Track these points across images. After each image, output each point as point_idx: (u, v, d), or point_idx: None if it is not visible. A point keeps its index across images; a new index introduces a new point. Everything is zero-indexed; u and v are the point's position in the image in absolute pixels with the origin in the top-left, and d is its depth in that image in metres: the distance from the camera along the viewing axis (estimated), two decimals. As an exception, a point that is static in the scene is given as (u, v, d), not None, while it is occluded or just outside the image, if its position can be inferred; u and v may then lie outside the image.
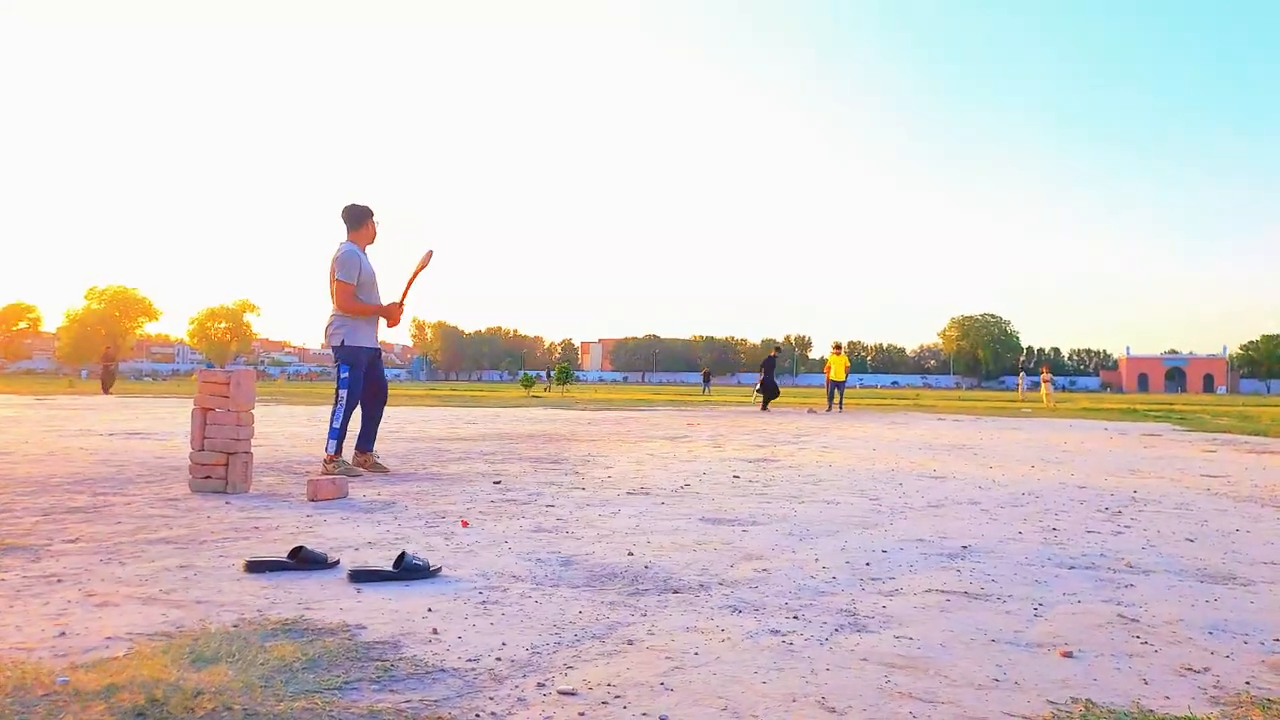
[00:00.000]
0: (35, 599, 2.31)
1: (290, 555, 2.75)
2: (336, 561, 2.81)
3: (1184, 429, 13.31)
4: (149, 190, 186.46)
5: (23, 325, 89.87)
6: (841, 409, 18.53)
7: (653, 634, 2.13)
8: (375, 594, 2.45)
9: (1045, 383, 30.69)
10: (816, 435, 10.40)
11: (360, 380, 5.52)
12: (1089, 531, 3.73)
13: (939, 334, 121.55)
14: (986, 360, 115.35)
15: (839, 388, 18.86)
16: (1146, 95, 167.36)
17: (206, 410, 4.64)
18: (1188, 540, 3.55)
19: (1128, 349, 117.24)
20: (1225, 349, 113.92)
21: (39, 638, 1.98)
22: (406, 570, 2.61)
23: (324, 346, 5.66)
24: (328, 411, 5.50)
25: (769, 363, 19.31)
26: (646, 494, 4.71)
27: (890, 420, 14.98)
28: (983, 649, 2.06)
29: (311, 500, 4.21)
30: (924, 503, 4.59)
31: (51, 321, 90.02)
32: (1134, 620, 2.33)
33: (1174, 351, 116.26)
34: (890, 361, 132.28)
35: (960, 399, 36.97)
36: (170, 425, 10.39)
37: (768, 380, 19.10)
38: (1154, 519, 4.11)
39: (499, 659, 1.92)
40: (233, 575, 2.64)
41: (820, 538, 3.49)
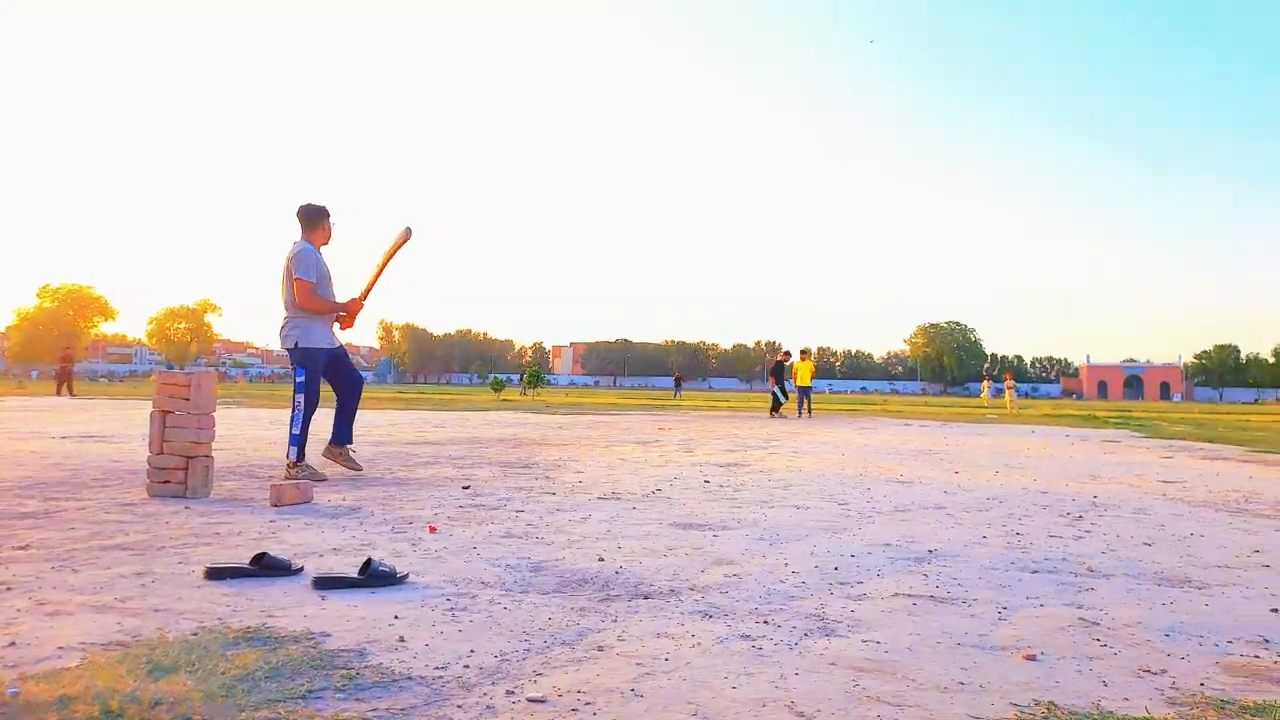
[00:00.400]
0: (-13, 607, 2.25)
1: (252, 562, 2.70)
2: (300, 568, 2.77)
3: (1142, 435, 13.58)
4: (106, 185, 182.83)
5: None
6: (811, 414, 18.68)
7: (623, 640, 2.12)
8: (340, 601, 2.42)
9: (1009, 389, 31.21)
10: (786, 440, 10.46)
11: (318, 383, 5.45)
12: (1051, 536, 3.80)
13: (906, 341, 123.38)
14: (952, 367, 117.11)
15: (806, 393, 19.03)
16: (1106, 109, 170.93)
17: (165, 413, 4.55)
18: (1146, 544, 3.63)
19: (1088, 357, 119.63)
20: (1180, 358, 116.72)
21: (-9, 647, 1.93)
22: (373, 577, 2.59)
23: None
24: (289, 415, 5.41)
25: (779, 368, 18.99)
26: (617, 499, 4.71)
27: (859, 426, 15.12)
28: (949, 652, 2.08)
29: (275, 505, 4.15)
30: (891, 507, 4.63)
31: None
32: (1094, 623, 2.37)
33: (1132, 360, 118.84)
34: (858, 367, 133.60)
35: (926, 405, 37.41)
36: (127, 428, 10.18)
37: (780, 386, 18.75)
38: (1114, 524, 4.19)
39: (467, 666, 1.90)
40: (192, 582, 2.59)
41: (790, 542, 3.51)
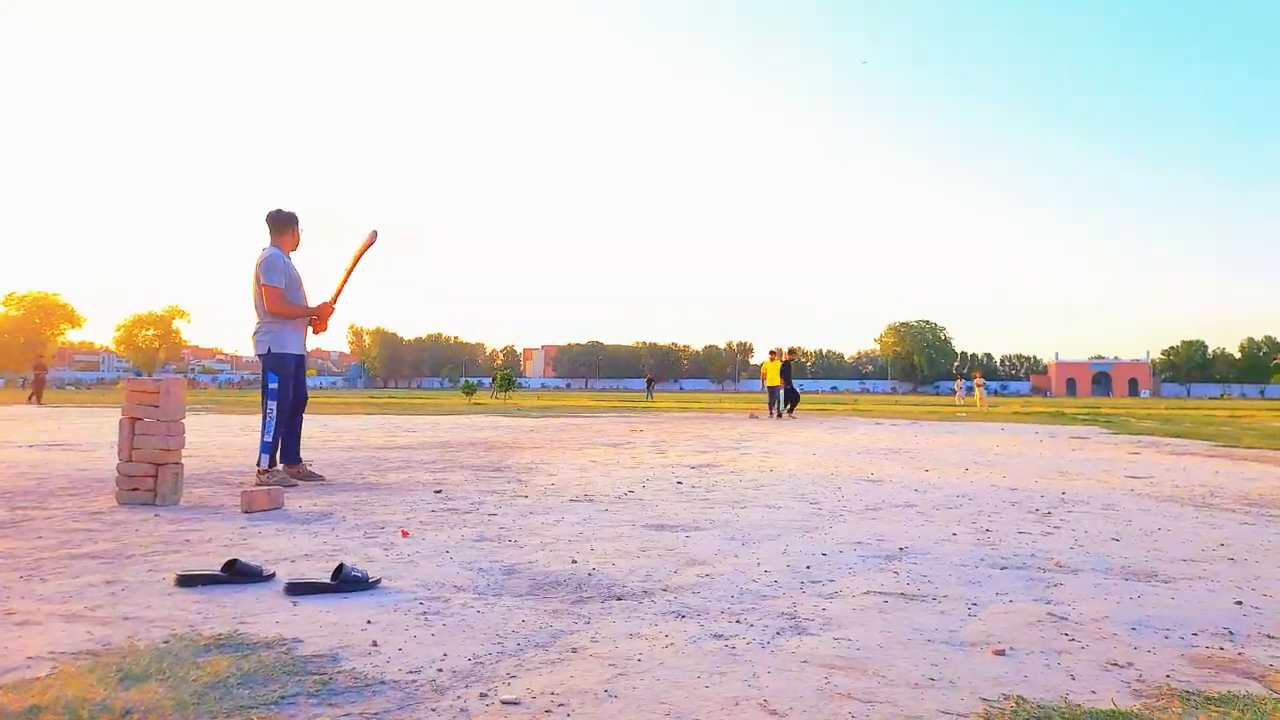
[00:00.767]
0: (-51, 619, 2.21)
1: (224, 568, 2.68)
2: (272, 574, 2.75)
3: (1110, 432, 13.80)
4: (72, 191, 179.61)
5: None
6: (781, 415, 18.74)
7: (596, 641, 2.13)
8: (313, 606, 2.40)
9: (978, 387, 31.63)
10: (758, 441, 10.51)
11: (290, 388, 5.41)
12: (1020, 532, 3.85)
13: (876, 340, 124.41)
14: (922, 366, 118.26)
15: (776, 393, 19.07)
16: (1078, 109, 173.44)
17: (134, 420, 4.49)
18: (1113, 540, 3.69)
19: (1056, 354, 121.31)
20: (1148, 354, 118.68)
21: (-46, 659, 1.89)
22: (345, 582, 2.57)
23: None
24: (260, 421, 5.36)
25: (786, 367, 18.77)
26: (590, 501, 4.71)
27: (830, 425, 15.22)
28: (919, 649, 2.11)
29: (245, 512, 4.11)
30: (862, 506, 4.67)
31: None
32: (1063, 618, 2.41)
33: (1100, 357, 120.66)
34: (830, 367, 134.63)
35: (897, 403, 37.73)
36: (95, 436, 10.03)
37: (789, 386, 18.65)
38: (1082, 519, 4.26)
39: (440, 670, 1.90)
40: (163, 590, 2.56)
41: (762, 542, 3.54)
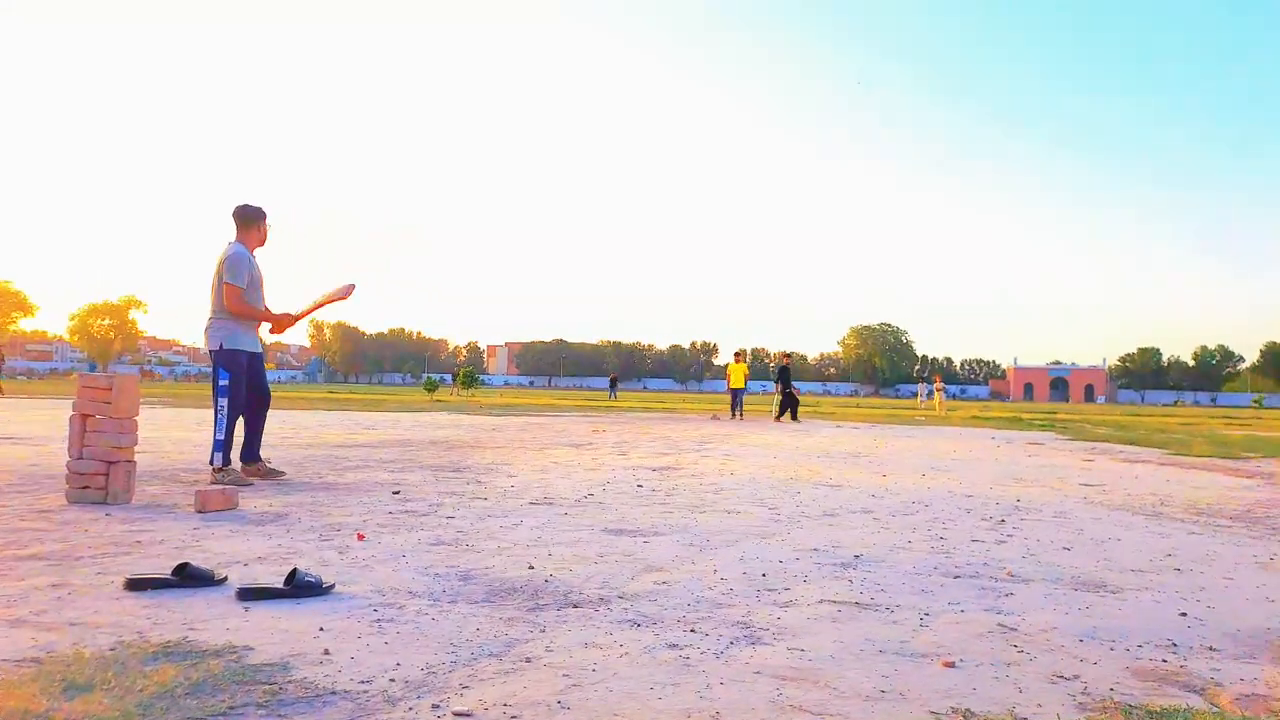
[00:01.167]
0: (-116, 624, 2.15)
1: (174, 572, 2.63)
2: (224, 578, 2.70)
3: (1065, 438, 14.07)
4: (22, 175, 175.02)
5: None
6: (742, 417, 18.82)
7: (551, 651, 2.13)
8: (264, 613, 2.37)
9: (938, 391, 32.06)
10: (719, 443, 10.56)
11: (242, 385, 5.31)
12: (974, 541, 3.92)
13: (839, 342, 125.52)
14: (884, 368, 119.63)
15: (739, 395, 19.17)
16: (1041, 114, 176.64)
17: (86, 416, 4.39)
18: (1065, 549, 3.77)
19: (1015, 359, 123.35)
20: (1105, 361, 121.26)
21: (-113, 668, 1.84)
22: (298, 587, 2.54)
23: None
24: (213, 419, 5.28)
25: (784, 371, 18.70)
26: (549, 504, 4.70)
27: (791, 428, 15.34)
28: (871, 660, 2.14)
29: (199, 512, 4.04)
30: (820, 511, 4.72)
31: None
32: (1012, 629, 2.45)
33: (1058, 362, 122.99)
34: (793, 369, 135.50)
35: (858, 406, 38.13)
36: (46, 429, 9.79)
37: (786, 390, 18.42)
38: (1034, 527, 4.34)
39: (393, 680, 1.88)
40: (111, 594, 2.51)
41: (719, 548, 3.56)
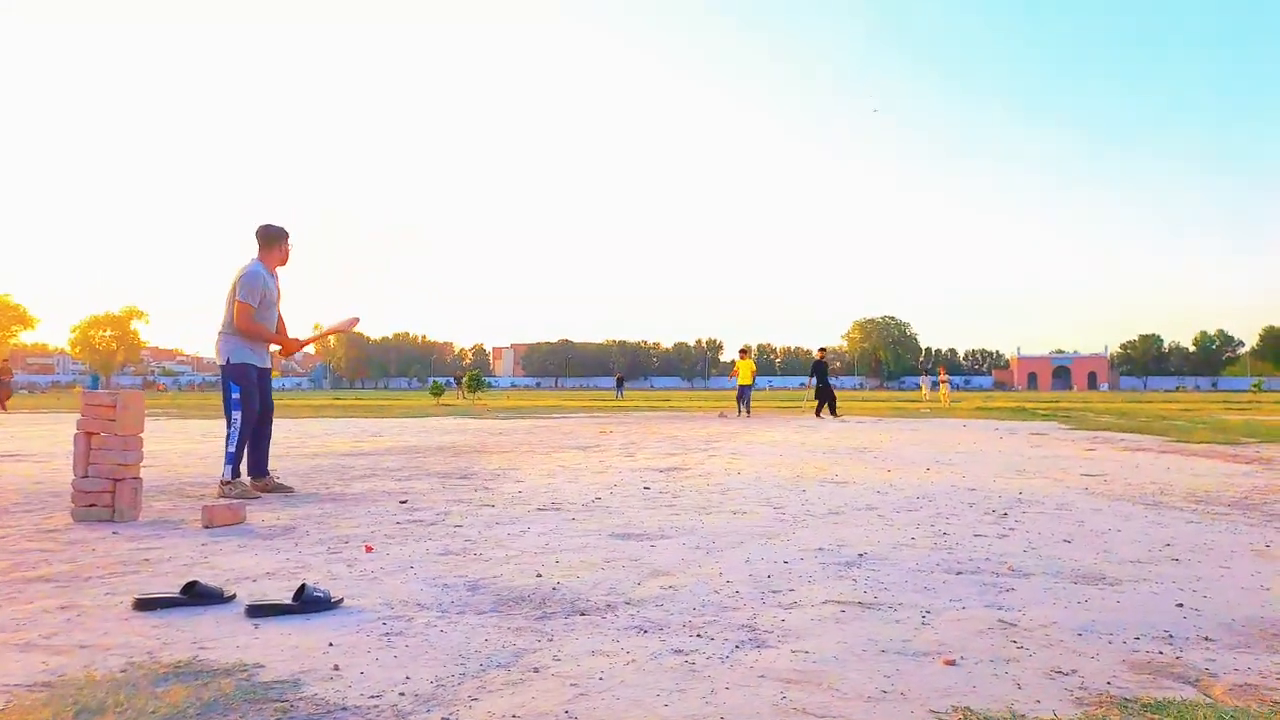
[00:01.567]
0: (-100, 651, 2.18)
1: (183, 590, 2.66)
2: (233, 595, 2.74)
3: (1068, 427, 14.09)
4: (23, 186, 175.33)
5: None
6: (749, 414, 18.83)
7: (558, 660, 2.16)
8: (274, 629, 2.40)
9: (942, 383, 32.05)
10: (726, 441, 10.59)
11: (254, 398, 5.36)
12: (976, 535, 3.94)
13: (843, 336, 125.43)
14: (888, 361, 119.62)
15: (745, 392, 19.09)
16: (1038, 104, 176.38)
17: (90, 434, 4.43)
18: (1065, 541, 3.79)
19: (1018, 349, 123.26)
20: (1107, 348, 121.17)
21: (-95, 695, 1.87)
22: (307, 603, 2.57)
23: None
24: (223, 426, 5.31)
25: (820, 366, 18.48)
26: (557, 510, 4.73)
27: (797, 424, 15.36)
28: (873, 660, 2.17)
29: (207, 527, 4.07)
30: (825, 510, 4.75)
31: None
32: (1012, 625, 2.48)
33: (1060, 351, 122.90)
34: (798, 364, 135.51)
35: (864, 399, 38.13)
36: (49, 444, 9.83)
37: (823, 385, 18.25)
38: (1036, 520, 4.37)
39: (402, 694, 1.91)
40: (120, 615, 2.55)
41: (726, 550, 3.58)
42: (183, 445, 9.70)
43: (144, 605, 2.60)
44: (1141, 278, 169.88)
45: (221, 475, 5.21)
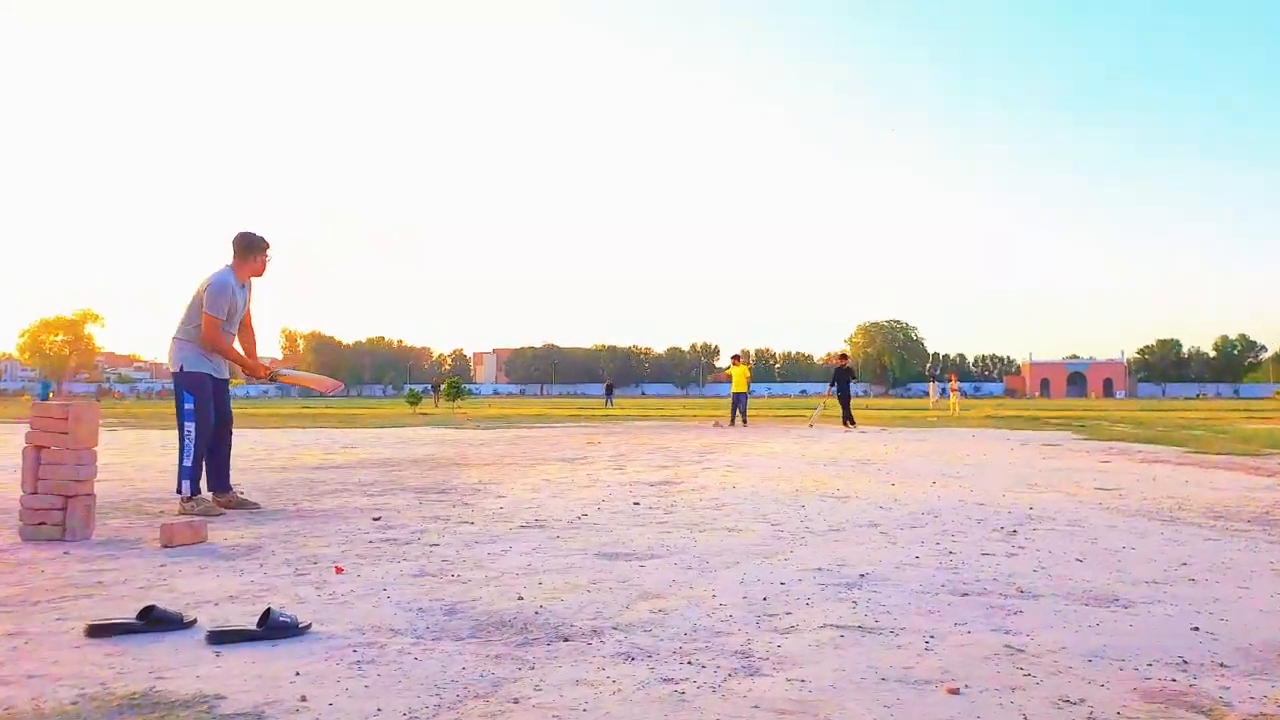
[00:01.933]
0: None
1: (140, 615, 2.66)
2: (193, 621, 2.73)
3: (1083, 437, 14.17)
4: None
5: None
6: (745, 423, 18.74)
7: (540, 690, 2.16)
8: (237, 657, 2.40)
9: (953, 390, 32.17)
10: (721, 453, 10.61)
11: (209, 408, 5.34)
12: (984, 554, 3.96)
13: (846, 341, 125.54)
14: (894, 367, 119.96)
15: (741, 400, 18.95)
16: (1049, 103, 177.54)
17: (40, 448, 4.41)
18: (1077, 560, 3.82)
19: (1030, 354, 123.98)
20: (1123, 354, 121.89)
21: None
22: (272, 628, 2.57)
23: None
24: (179, 445, 5.30)
25: (843, 374, 18.54)
26: (541, 527, 4.73)
27: (797, 434, 15.40)
28: (873, 689, 2.18)
29: (165, 547, 4.06)
30: (825, 526, 4.77)
31: None
32: (1020, 650, 2.50)
33: (1075, 356, 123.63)
34: (798, 370, 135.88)
35: (868, 407, 38.22)
36: (-2, 458, 9.76)
37: (844, 394, 18.37)
38: (1047, 538, 4.40)
39: (373, 727, 1.92)
40: (72, 641, 2.54)
41: (719, 570, 3.60)
42: (140, 458, 9.66)
43: (97, 632, 2.59)
44: (1160, 279, 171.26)
45: (180, 491, 5.19)
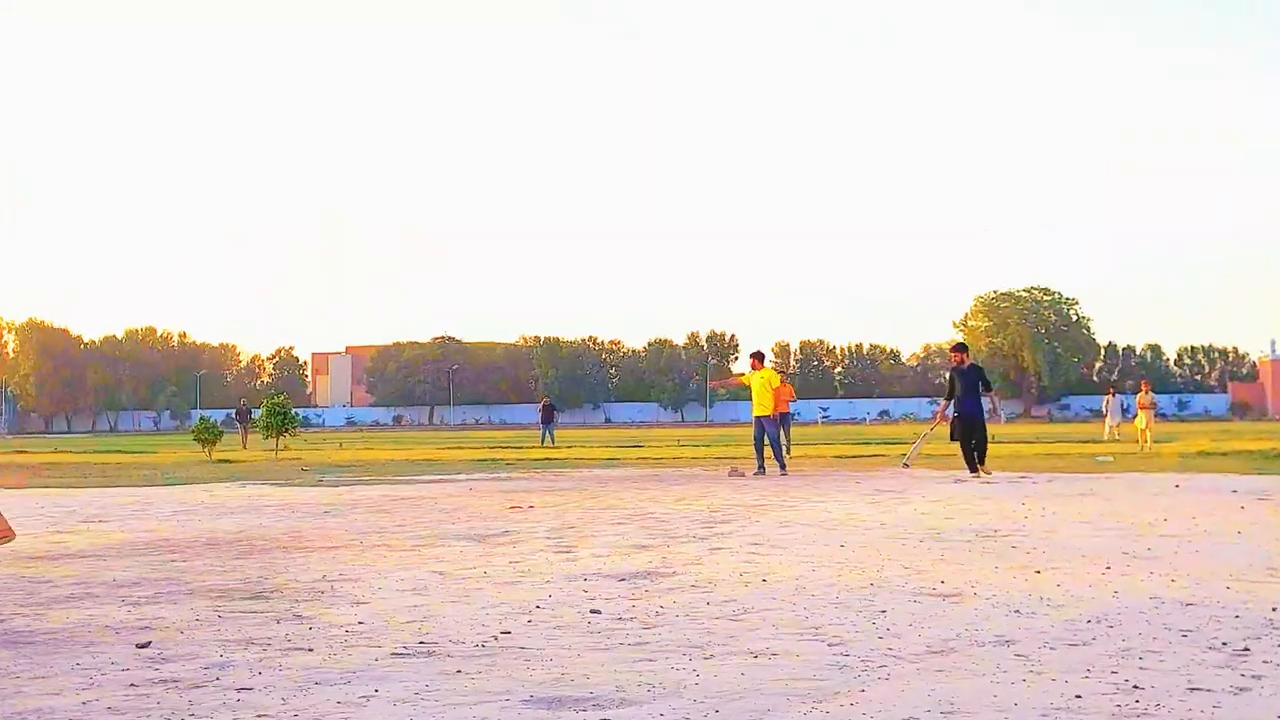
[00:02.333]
0: None
1: None
2: None
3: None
4: None
5: None
6: (783, 468, 18.31)
7: None
8: None
9: (1144, 409, 32.08)
10: (742, 520, 10.65)
11: None
12: (1192, 689, 3.99)
13: (957, 325, 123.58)
14: (1039, 368, 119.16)
15: (770, 427, 18.55)
16: None
17: None
18: (1349, 697, 3.86)
19: (1272, 345, 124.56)
20: None
21: None
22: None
23: None
24: None
25: (970, 375, 17.99)
26: (429, 655, 4.74)
27: (873, 485, 15.45)
28: None
29: None
30: (922, 646, 4.79)
31: None
32: None
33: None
34: (874, 375, 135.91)
35: (997, 438, 38.39)
36: None
37: (970, 414, 17.56)
38: (1301, 660, 4.45)
39: None
40: None
41: (738, 726, 3.61)
42: None
43: None
44: None
45: None
